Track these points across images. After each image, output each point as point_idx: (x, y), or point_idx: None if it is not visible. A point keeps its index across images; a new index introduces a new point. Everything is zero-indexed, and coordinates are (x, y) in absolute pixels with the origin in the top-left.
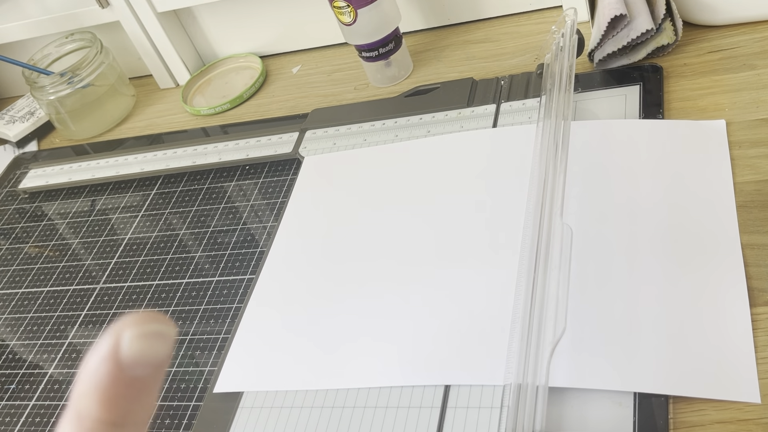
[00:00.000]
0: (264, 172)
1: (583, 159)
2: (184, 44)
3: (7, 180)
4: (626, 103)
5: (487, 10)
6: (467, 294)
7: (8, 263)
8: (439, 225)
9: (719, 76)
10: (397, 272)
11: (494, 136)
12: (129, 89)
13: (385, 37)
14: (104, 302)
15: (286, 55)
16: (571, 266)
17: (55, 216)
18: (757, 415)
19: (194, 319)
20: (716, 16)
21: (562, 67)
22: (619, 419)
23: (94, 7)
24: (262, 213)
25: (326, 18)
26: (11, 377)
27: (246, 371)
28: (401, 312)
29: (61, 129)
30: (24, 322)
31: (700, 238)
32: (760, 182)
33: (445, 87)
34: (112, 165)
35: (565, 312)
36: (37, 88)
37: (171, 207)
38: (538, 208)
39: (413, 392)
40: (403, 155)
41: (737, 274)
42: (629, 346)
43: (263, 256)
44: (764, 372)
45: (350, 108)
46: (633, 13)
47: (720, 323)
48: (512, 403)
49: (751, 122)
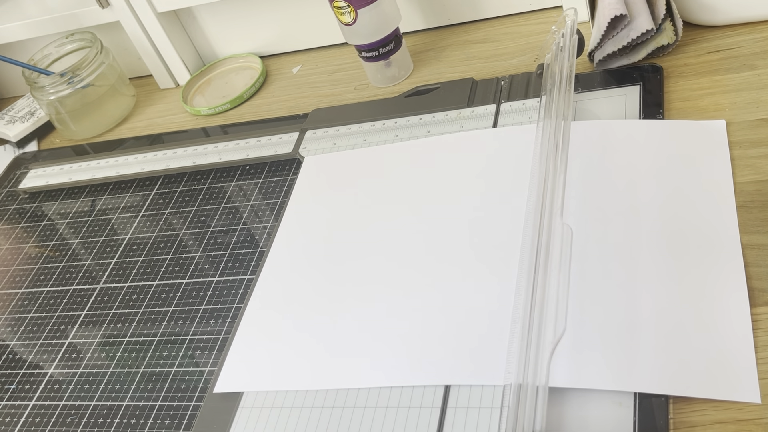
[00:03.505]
0: (264, 172)
1: (583, 159)
2: (184, 44)
3: (7, 180)
4: (626, 103)
5: (487, 10)
6: (467, 294)
7: (8, 263)
8: (439, 225)
9: (719, 76)
10: (397, 272)
11: (494, 136)
12: (129, 89)
13: (385, 37)
14: (104, 302)
15: (286, 55)
16: (571, 266)
17: (55, 216)
18: (757, 415)
19: (194, 319)
20: (716, 16)
21: (562, 67)
22: (619, 419)
23: (94, 7)
24: (262, 213)
25: (326, 18)
26: (11, 377)
27: (246, 371)
28: (401, 312)
29: (61, 129)
30: (24, 322)
31: (700, 238)
32: (760, 182)
33: (445, 87)
34: (112, 165)
35: (565, 312)
36: (37, 88)
37: (171, 207)
38: (538, 209)
39: (413, 392)
40: (403, 155)
41: (737, 274)
42: (629, 346)
43: (263, 256)
44: (764, 372)
45: (350, 108)
46: (633, 13)
47: (720, 323)
48: (512, 403)
49: (751, 122)
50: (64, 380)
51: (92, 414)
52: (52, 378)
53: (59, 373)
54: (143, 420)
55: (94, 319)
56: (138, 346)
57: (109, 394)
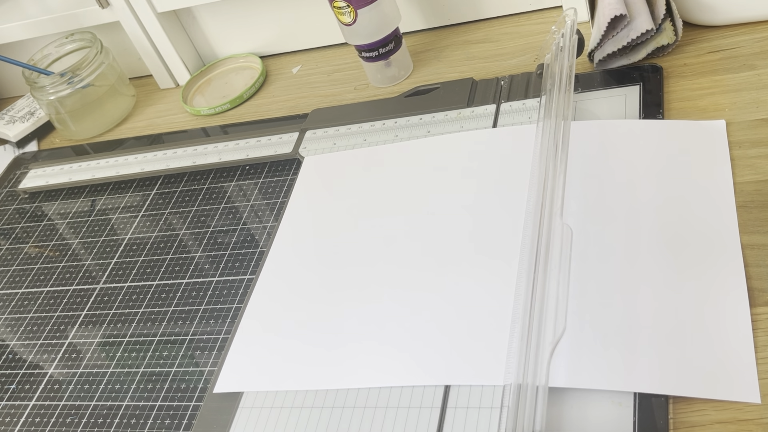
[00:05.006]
0: (264, 172)
1: (583, 159)
2: (184, 44)
3: (7, 180)
4: (626, 103)
5: (487, 10)
6: (467, 294)
7: (8, 263)
8: (439, 225)
9: (719, 76)
10: (397, 272)
11: (494, 136)
12: (129, 89)
13: (385, 37)
14: (104, 302)
15: (286, 55)
16: (571, 266)
17: (55, 216)
18: (757, 415)
19: (194, 319)
20: (716, 16)
21: (562, 67)
22: (619, 419)
23: (94, 7)
24: (262, 213)
25: (326, 18)
26: (11, 377)
27: (246, 371)
28: (401, 312)
29: (61, 129)
30: (24, 322)
31: (700, 238)
32: (760, 182)
33: (445, 87)
34: (112, 165)
35: (565, 312)
36: (37, 88)
37: (171, 207)
38: (538, 208)
39: (413, 392)
40: (403, 155)
41: (737, 274)
42: (629, 346)
43: (263, 256)
44: (764, 372)
45: (350, 108)
46: (633, 13)
47: (720, 323)
48: (512, 403)
49: (751, 122)
50: (64, 380)
51: (92, 414)
52: (52, 378)
53: (59, 373)
54: (143, 420)
55: (94, 319)
56: (138, 346)
57: (109, 394)
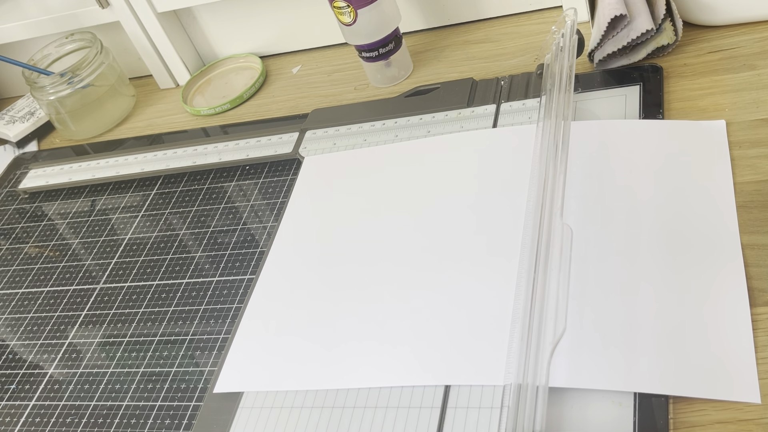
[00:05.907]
0: (264, 172)
1: (583, 159)
2: (184, 44)
3: (7, 180)
4: (626, 103)
5: (487, 10)
6: (467, 294)
7: (8, 263)
8: (439, 225)
9: (719, 77)
10: (397, 272)
11: (494, 136)
12: (129, 89)
13: (385, 37)
14: (104, 302)
15: (286, 55)
16: (571, 266)
17: (55, 216)
18: (757, 415)
19: (194, 319)
20: (716, 16)
21: (562, 67)
22: (619, 419)
23: (94, 7)
24: (262, 213)
25: (326, 18)
26: (11, 377)
27: (246, 371)
28: (401, 312)
29: (61, 129)
30: (24, 322)
31: (700, 238)
32: (760, 182)
33: (445, 87)
34: (112, 165)
35: (565, 312)
36: (37, 89)
37: (171, 207)
38: (538, 209)
39: (413, 392)
40: (403, 155)
41: (737, 274)
42: (629, 346)
43: (263, 256)
44: (764, 372)
45: (350, 108)
46: (633, 13)
47: (720, 323)
48: (512, 403)
49: (751, 122)
50: (64, 380)
51: (92, 414)
52: (52, 378)
53: (59, 373)
54: (143, 420)
55: (94, 319)
56: (138, 346)
57: (109, 394)
